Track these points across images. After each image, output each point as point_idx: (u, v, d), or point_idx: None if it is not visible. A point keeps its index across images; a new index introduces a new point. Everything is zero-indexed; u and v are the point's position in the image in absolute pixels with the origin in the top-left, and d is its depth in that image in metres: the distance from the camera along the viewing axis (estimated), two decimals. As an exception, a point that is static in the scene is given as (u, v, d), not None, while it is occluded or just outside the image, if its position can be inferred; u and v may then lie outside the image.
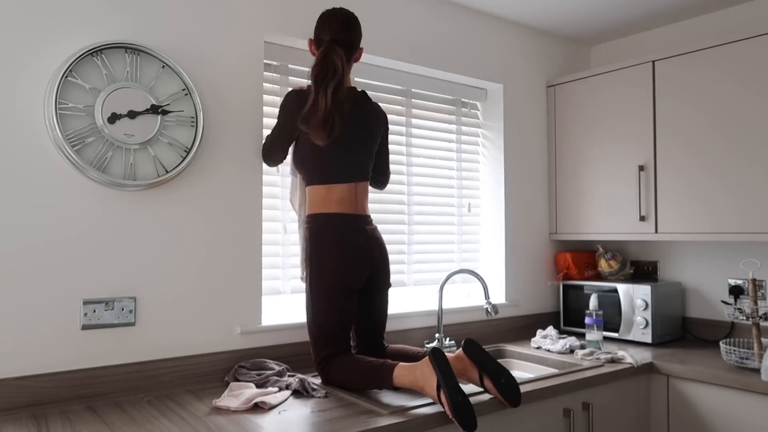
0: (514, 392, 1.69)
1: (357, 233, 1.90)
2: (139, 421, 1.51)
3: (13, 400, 1.59)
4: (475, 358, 1.71)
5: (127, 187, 1.75)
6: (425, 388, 1.62)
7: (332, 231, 1.89)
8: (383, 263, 1.98)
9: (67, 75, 1.65)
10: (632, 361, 2.19)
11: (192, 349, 1.89)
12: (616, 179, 2.69)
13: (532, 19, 2.80)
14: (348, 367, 1.81)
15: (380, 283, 1.98)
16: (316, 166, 1.91)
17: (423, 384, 1.63)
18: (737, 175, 2.30)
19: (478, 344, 1.73)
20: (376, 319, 2.02)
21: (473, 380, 1.74)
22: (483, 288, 2.31)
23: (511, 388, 1.69)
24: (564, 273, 2.91)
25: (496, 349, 2.53)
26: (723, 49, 2.35)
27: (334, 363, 1.85)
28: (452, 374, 1.59)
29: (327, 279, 1.86)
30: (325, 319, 1.87)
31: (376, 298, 2.00)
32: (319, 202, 1.91)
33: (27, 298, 1.62)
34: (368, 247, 1.92)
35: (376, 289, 1.99)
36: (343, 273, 1.86)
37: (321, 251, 1.88)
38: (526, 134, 2.89)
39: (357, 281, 1.89)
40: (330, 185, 1.91)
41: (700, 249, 2.72)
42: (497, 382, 1.67)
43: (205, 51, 1.94)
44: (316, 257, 1.88)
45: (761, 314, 2.16)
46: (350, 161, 1.92)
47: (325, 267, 1.87)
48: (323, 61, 1.85)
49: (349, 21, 1.93)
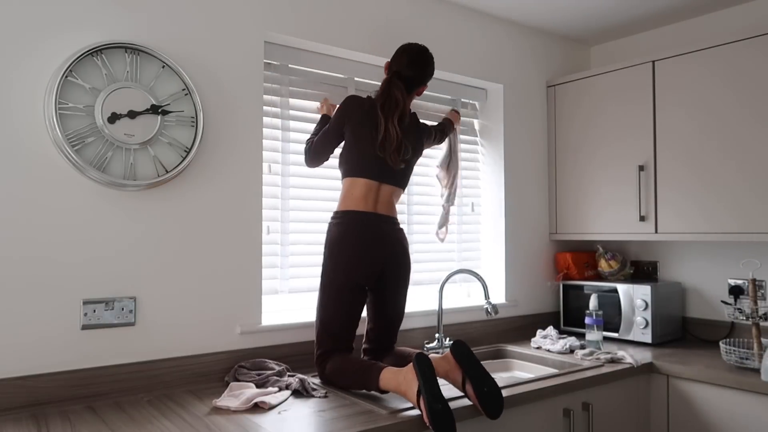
0: (495, 403, 1.60)
1: (372, 230, 1.92)
2: (139, 421, 1.51)
3: (13, 400, 1.59)
4: (461, 361, 1.66)
5: (127, 187, 1.75)
6: (407, 394, 1.59)
7: (347, 227, 1.92)
8: (398, 263, 1.97)
9: (67, 75, 1.65)
10: (632, 361, 2.19)
11: (192, 349, 1.89)
12: (616, 179, 2.69)
13: (532, 19, 2.80)
14: (341, 366, 1.81)
15: (393, 282, 1.98)
16: (356, 165, 1.97)
17: (405, 389, 1.60)
18: (737, 175, 2.30)
19: (467, 346, 1.69)
20: (388, 320, 2.01)
21: (456, 383, 1.69)
22: (483, 288, 2.31)
23: (493, 398, 1.61)
24: (564, 273, 2.91)
25: (496, 349, 2.53)
26: (723, 49, 2.35)
27: (330, 360, 1.86)
28: (435, 380, 1.55)
29: (333, 274, 1.90)
30: (327, 315, 1.89)
31: (389, 298, 1.99)
32: (345, 197, 1.97)
33: (27, 298, 1.62)
34: (381, 244, 1.93)
35: (389, 289, 1.98)
36: (350, 269, 1.88)
37: (332, 246, 1.92)
38: (526, 134, 2.89)
39: (365, 278, 1.90)
40: (360, 180, 1.96)
41: (700, 249, 2.72)
42: (479, 391, 1.61)
43: (205, 51, 1.94)
44: (329, 252, 1.92)
45: (761, 314, 2.16)
46: (393, 170, 2.00)
47: (335, 262, 1.90)
48: (384, 94, 2.00)
49: (418, 60, 2.05)
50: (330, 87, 2.34)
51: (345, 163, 2.00)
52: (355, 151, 1.98)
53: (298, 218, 2.24)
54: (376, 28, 2.35)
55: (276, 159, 2.19)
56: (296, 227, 2.24)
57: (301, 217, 2.25)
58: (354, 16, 2.29)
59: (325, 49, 2.26)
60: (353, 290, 1.89)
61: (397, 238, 1.99)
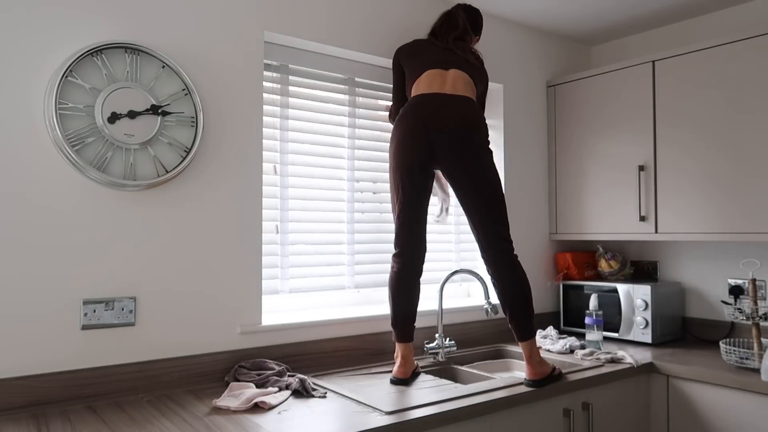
0: None
1: (428, 106, 1.92)
2: (139, 421, 1.52)
3: (13, 400, 1.59)
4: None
5: (127, 187, 1.75)
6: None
7: (402, 110, 1.99)
8: (450, 139, 1.87)
9: (67, 75, 1.65)
10: (632, 361, 2.19)
11: (192, 349, 1.89)
12: (616, 179, 2.69)
13: (532, 19, 2.80)
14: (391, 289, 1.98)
15: (452, 164, 1.89)
16: (418, 66, 2.05)
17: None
18: (737, 174, 2.30)
19: None
20: (471, 218, 1.93)
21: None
22: (483, 288, 2.31)
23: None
24: (564, 273, 2.91)
25: (496, 349, 2.53)
26: (723, 49, 2.35)
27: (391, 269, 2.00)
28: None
29: (390, 160, 1.99)
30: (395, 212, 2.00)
31: (459, 187, 1.92)
32: (410, 95, 2.05)
33: (27, 298, 1.62)
34: (424, 117, 1.91)
35: (452, 175, 1.92)
36: (396, 152, 1.95)
37: (392, 132, 2.00)
38: (526, 134, 2.89)
39: (410, 161, 1.92)
40: (423, 75, 2.01)
41: (700, 249, 2.72)
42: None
43: (205, 51, 1.94)
44: (390, 137, 2.01)
45: (761, 314, 2.16)
46: (461, 57, 2.07)
47: (390, 147, 2.00)
48: (444, 16, 2.15)
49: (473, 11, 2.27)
50: (330, 87, 2.34)
51: (409, 79, 2.08)
52: (415, 63, 2.06)
53: (298, 218, 2.24)
54: (376, 28, 2.35)
55: (276, 159, 2.19)
56: (296, 227, 2.24)
57: (301, 217, 2.25)
58: (354, 16, 2.29)
59: (325, 49, 2.26)
60: (402, 175, 1.93)
61: (450, 107, 1.89)
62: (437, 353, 2.30)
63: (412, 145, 1.91)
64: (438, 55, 2.05)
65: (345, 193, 2.36)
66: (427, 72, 2.01)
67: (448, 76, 1.99)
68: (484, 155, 1.91)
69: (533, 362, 1.89)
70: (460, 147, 1.87)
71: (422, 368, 2.18)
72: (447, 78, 1.99)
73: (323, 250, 2.30)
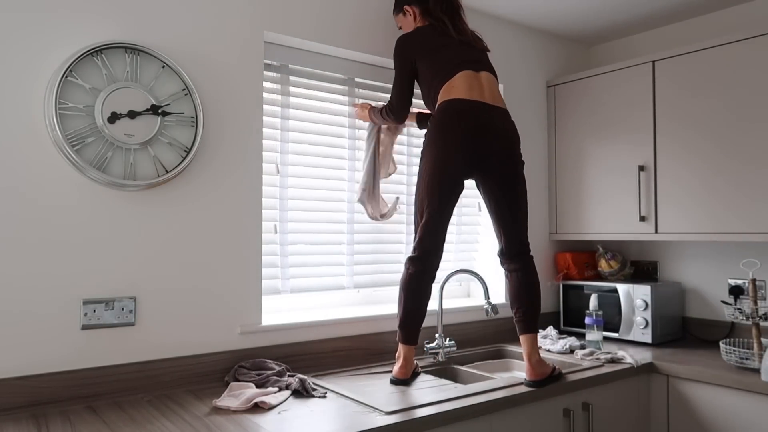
0: None
1: (468, 117, 1.91)
2: (139, 421, 1.51)
3: (13, 400, 1.59)
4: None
5: (127, 187, 1.75)
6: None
7: (442, 113, 1.94)
8: (497, 155, 1.93)
9: (67, 75, 1.65)
10: (632, 361, 2.19)
11: (192, 349, 1.89)
12: (616, 179, 2.69)
13: (532, 19, 2.80)
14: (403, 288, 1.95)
15: (492, 176, 1.95)
16: (447, 65, 1.98)
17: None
18: (737, 175, 2.30)
19: None
20: (499, 221, 2.00)
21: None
22: (483, 288, 2.31)
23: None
24: (564, 273, 2.91)
25: (496, 349, 2.53)
26: (723, 49, 2.35)
27: (406, 271, 1.95)
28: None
29: (427, 164, 1.94)
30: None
31: (493, 198, 1.97)
32: (443, 95, 1.97)
33: (27, 298, 1.62)
34: (472, 128, 1.90)
35: (488, 185, 1.97)
36: (437, 158, 1.91)
37: (429, 135, 1.95)
38: (526, 134, 2.89)
39: (452, 170, 1.91)
40: (456, 76, 1.96)
41: (700, 249, 2.72)
42: None
43: (205, 51, 1.94)
44: (428, 139, 1.95)
45: (761, 314, 2.16)
46: (483, 57, 2.06)
47: (429, 151, 1.93)
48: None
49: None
50: (330, 87, 2.34)
51: (434, 78, 2.00)
52: (437, 60, 2.00)
53: (297, 218, 2.24)
54: (376, 28, 2.35)
55: (276, 159, 2.19)
56: (296, 227, 2.24)
57: (301, 217, 2.25)
58: (354, 16, 2.29)
59: (325, 49, 2.26)
60: (442, 180, 1.91)
61: (496, 121, 1.94)
62: (437, 353, 2.30)
63: (456, 154, 1.90)
64: (461, 52, 2.01)
65: (345, 193, 2.36)
66: (460, 74, 1.96)
67: (482, 81, 1.98)
68: (521, 170, 2.01)
69: (533, 362, 1.89)
70: (505, 164, 1.96)
71: (422, 368, 2.18)
72: (482, 83, 1.98)
73: (323, 250, 2.30)
